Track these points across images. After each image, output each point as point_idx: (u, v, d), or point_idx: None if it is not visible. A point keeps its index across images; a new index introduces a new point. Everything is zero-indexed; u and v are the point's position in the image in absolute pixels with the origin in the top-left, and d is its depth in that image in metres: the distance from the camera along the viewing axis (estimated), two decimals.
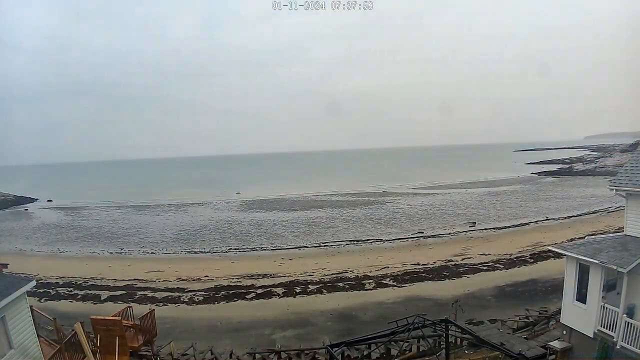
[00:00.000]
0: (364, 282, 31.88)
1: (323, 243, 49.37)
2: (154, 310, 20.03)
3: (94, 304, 29.21)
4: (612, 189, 15.89)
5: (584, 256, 14.58)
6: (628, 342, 13.32)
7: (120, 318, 17.62)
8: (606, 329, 14.14)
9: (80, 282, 34.37)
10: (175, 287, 32.78)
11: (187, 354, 20.78)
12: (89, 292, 31.85)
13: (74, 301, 30.02)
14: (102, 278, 35.64)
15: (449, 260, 36.68)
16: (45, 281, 33.98)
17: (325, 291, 30.35)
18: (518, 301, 25.84)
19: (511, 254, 36.81)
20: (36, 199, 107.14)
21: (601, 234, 29.72)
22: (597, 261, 14.00)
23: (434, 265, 35.40)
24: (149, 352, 19.03)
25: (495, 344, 15.96)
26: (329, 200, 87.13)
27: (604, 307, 14.20)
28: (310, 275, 34.63)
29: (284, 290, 30.84)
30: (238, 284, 33.00)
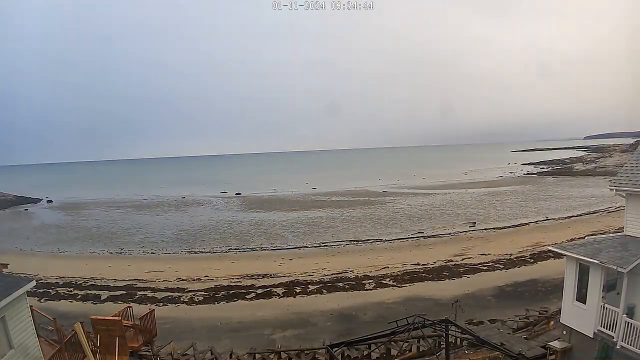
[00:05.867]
0: (364, 282, 31.89)
1: (323, 243, 49.36)
2: (154, 310, 20.01)
3: (94, 304, 29.22)
4: (612, 189, 15.91)
5: (584, 256, 14.59)
6: (628, 342, 13.32)
7: (120, 318, 17.60)
8: (606, 329, 14.15)
9: (80, 282, 34.37)
10: (175, 287, 32.79)
11: (187, 354, 20.78)
12: (89, 292, 31.86)
13: (74, 301, 30.03)
14: (102, 278, 35.64)
15: (449, 260, 36.68)
16: (45, 281, 33.96)
17: (325, 291, 30.37)
18: (518, 301, 25.84)
19: (511, 254, 36.82)
20: (38, 199, 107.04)
21: (601, 234, 29.82)
22: (597, 261, 14.01)
23: (434, 265, 35.41)
24: (149, 352, 19.03)
25: (495, 344, 15.99)
26: (329, 200, 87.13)
27: (604, 307, 14.21)
28: (310, 275, 34.64)
29: (284, 290, 30.86)
30: (238, 284, 33.02)
